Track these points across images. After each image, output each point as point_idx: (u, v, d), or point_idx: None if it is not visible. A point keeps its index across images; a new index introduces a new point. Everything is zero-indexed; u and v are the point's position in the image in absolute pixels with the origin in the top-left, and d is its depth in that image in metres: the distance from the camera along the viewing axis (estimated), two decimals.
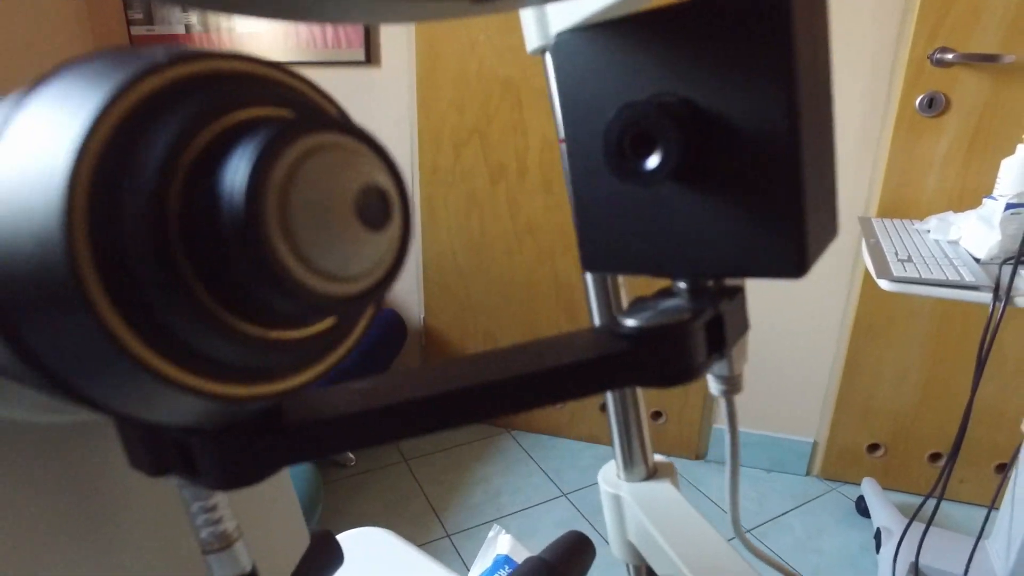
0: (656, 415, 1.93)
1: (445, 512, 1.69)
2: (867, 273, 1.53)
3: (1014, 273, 1.08)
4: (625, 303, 0.38)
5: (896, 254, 1.20)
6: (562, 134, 0.36)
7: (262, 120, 0.13)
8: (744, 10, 0.17)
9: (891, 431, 1.74)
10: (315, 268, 0.12)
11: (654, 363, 0.18)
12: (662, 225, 0.20)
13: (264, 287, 0.12)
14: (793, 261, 0.18)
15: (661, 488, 0.37)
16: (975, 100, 1.40)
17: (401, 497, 1.75)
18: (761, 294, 1.70)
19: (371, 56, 1.84)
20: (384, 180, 0.14)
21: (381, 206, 0.14)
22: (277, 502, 0.28)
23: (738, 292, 0.21)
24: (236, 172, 0.12)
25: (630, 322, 0.19)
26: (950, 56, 1.38)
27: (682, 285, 0.21)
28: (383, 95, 1.88)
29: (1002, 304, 1.06)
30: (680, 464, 1.93)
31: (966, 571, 1.33)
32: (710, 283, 0.21)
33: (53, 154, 0.11)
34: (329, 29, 1.85)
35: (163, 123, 0.12)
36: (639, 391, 0.39)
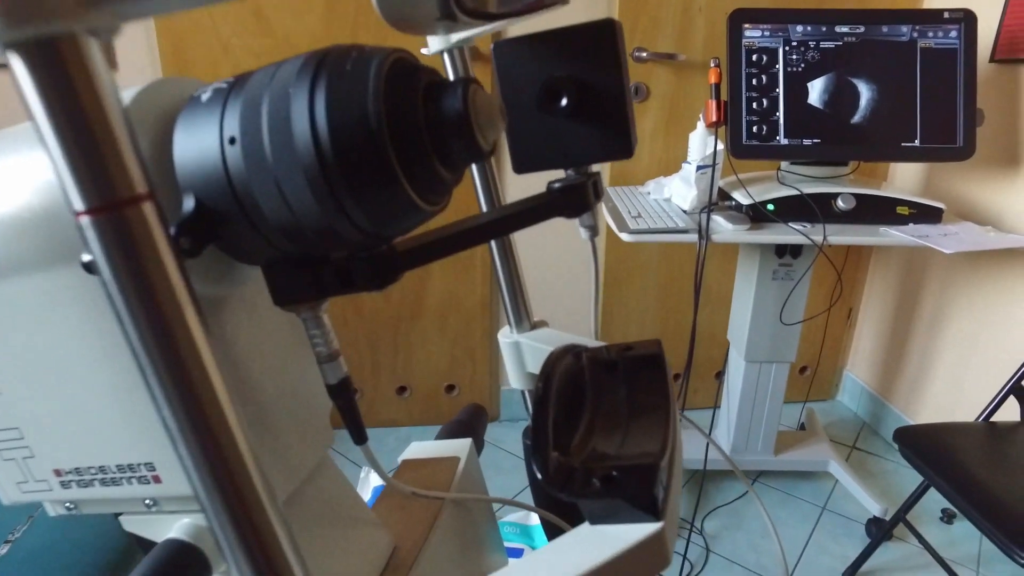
0: (450, 388, 2.09)
1: None
2: (609, 233, 1.86)
3: (709, 217, 1.43)
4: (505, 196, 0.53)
5: (629, 212, 1.49)
6: None
7: (438, 78, 0.25)
8: (597, 33, 0.33)
9: None
10: (485, 138, 0.25)
11: (572, 203, 0.33)
12: (559, 140, 0.35)
13: (466, 148, 0.24)
14: (627, 150, 0.34)
15: (546, 331, 0.53)
16: (666, 88, 1.79)
17: None
18: (538, 263, 1.94)
19: None
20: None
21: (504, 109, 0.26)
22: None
23: (598, 172, 0.36)
24: (455, 100, 0.24)
25: (557, 184, 0.33)
26: (645, 54, 1.73)
27: (571, 172, 0.35)
28: None
29: (704, 242, 1.41)
30: None
31: (705, 457, 1.72)
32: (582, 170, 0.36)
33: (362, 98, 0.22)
34: None
35: (407, 79, 0.24)
36: (520, 267, 0.53)
